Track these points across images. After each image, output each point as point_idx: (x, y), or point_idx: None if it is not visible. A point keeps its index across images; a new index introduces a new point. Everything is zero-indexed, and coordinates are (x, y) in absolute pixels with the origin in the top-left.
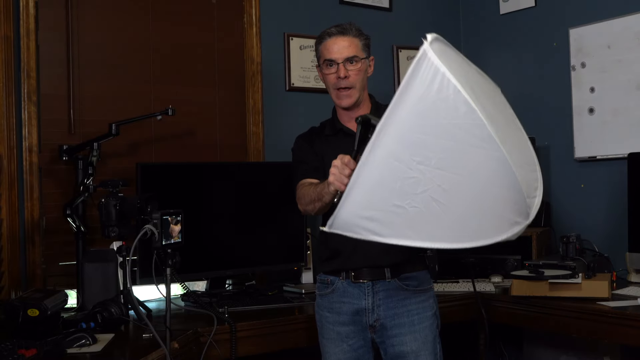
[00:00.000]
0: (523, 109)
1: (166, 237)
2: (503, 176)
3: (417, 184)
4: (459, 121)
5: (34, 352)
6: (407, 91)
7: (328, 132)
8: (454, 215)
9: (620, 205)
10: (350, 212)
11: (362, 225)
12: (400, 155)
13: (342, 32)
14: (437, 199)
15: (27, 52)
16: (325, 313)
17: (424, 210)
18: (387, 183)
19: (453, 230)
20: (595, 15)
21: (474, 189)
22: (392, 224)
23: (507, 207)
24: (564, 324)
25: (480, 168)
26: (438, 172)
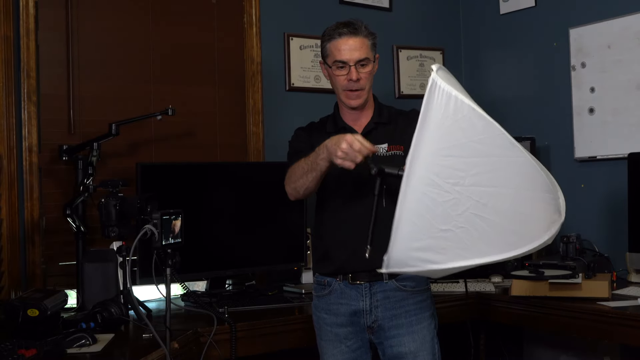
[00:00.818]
0: (523, 109)
1: (166, 236)
2: (532, 178)
3: (457, 204)
4: (480, 137)
5: (34, 352)
6: (426, 120)
7: (330, 129)
8: (499, 226)
9: (620, 205)
10: (402, 248)
11: (417, 257)
12: (435, 181)
13: (354, 33)
14: (480, 214)
15: (27, 52)
16: (322, 314)
17: (470, 228)
18: (430, 210)
19: (501, 240)
20: (595, 15)
21: (510, 197)
22: (444, 249)
23: (543, 207)
24: (564, 324)
25: (510, 176)
26: (474, 188)
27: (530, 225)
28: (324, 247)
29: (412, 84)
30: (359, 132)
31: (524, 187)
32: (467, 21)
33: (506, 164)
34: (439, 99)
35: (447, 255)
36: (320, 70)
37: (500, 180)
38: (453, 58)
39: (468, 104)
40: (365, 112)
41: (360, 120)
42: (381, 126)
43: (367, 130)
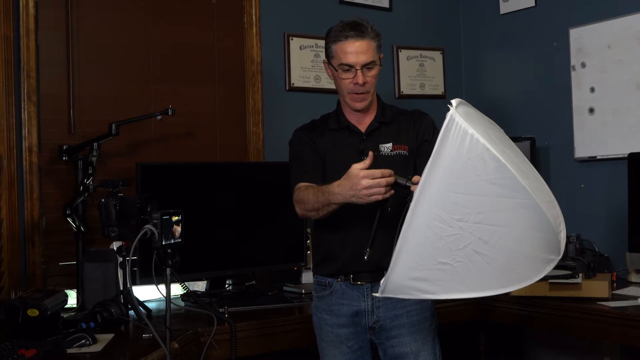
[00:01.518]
0: (523, 109)
1: (166, 236)
2: (536, 220)
3: (459, 240)
4: (491, 177)
5: (34, 352)
6: (440, 155)
7: (332, 126)
8: (497, 263)
9: (620, 205)
10: (400, 275)
11: (413, 286)
12: (441, 216)
13: (360, 35)
14: (480, 251)
15: (27, 52)
16: (323, 315)
17: (469, 264)
18: (431, 243)
19: (497, 277)
20: (595, 15)
21: (512, 237)
22: (441, 281)
23: (542, 248)
24: (564, 324)
25: (514, 216)
26: (477, 226)
27: (528, 264)
28: (326, 248)
29: (412, 84)
30: (362, 131)
31: (527, 228)
32: (467, 21)
33: (512, 205)
34: (454, 136)
35: (442, 287)
36: (320, 70)
37: (504, 220)
38: (453, 58)
39: (483, 143)
40: (369, 111)
41: (364, 119)
42: (385, 126)
43: (370, 129)
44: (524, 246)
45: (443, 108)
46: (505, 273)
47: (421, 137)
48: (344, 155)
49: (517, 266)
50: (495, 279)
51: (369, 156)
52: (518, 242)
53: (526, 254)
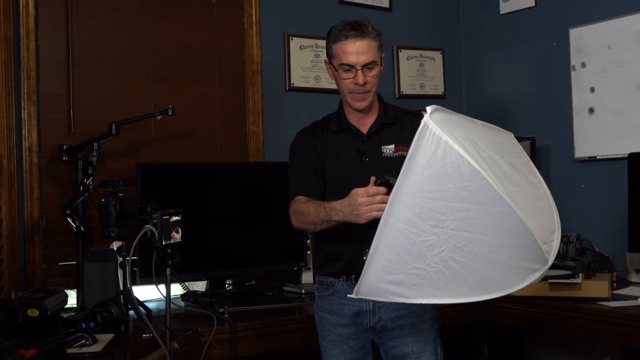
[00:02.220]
0: (523, 109)
1: (166, 236)
2: (514, 229)
3: (433, 245)
4: (466, 184)
5: (33, 352)
6: (414, 161)
7: (334, 128)
8: (473, 270)
9: (620, 205)
10: (375, 278)
11: (387, 289)
12: (415, 222)
13: (361, 35)
14: (455, 258)
15: (27, 52)
16: (325, 315)
17: (444, 269)
18: (405, 248)
19: (474, 284)
20: (595, 15)
21: (488, 244)
22: (415, 285)
23: (523, 257)
24: (564, 324)
25: (492, 224)
26: (452, 232)
27: (507, 273)
28: (328, 248)
29: (412, 84)
30: (364, 132)
31: (505, 236)
32: (467, 21)
33: (488, 212)
34: (428, 142)
35: (417, 292)
36: (320, 70)
37: (480, 228)
38: (453, 58)
39: (457, 150)
40: (371, 112)
41: (366, 120)
42: (387, 127)
43: (372, 130)
44: (501, 254)
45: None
46: (481, 280)
47: None
48: (345, 157)
49: (494, 274)
50: (471, 286)
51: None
52: (496, 249)
53: (504, 262)
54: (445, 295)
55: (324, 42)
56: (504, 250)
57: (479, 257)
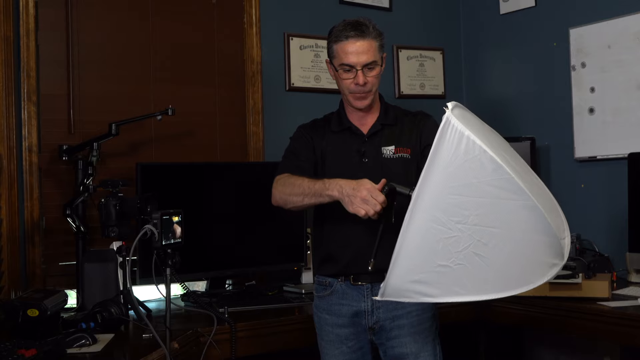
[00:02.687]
0: (523, 109)
1: (166, 236)
2: (536, 223)
3: (458, 242)
4: (489, 178)
5: (33, 352)
6: (436, 157)
7: (334, 127)
8: (497, 265)
9: (620, 205)
10: (400, 278)
11: (413, 289)
12: (439, 218)
13: (361, 35)
14: (479, 253)
15: (27, 52)
16: (324, 315)
17: (468, 266)
18: (430, 246)
19: (498, 280)
20: (595, 15)
21: (512, 239)
22: (440, 284)
23: (544, 251)
24: (564, 324)
25: (515, 219)
26: (476, 228)
27: (529, 268)
28: (327, 250)
29: (412, 84)
30: (364, 132)
31: (527, 231)
32: (467, 21)
33: (512, 207)
34: (451, 138)
35: (442, 290)
36: (320, 71)
37: (504, 222)
38: (453, 58)
39: (480, 145)
40: (371, 112)
41: (366, 120)
42: (387, 127)
43: (372, 131)
44: (525, 249)
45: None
46: (505, 276)
47: (424, 140)
48: (344, 157)
49: (518, 269)
50: (496, 282)
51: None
52: (518, 244)
53: (527, 257)
54: (470, 292)
55: (324, 42)
56: (526, 245)
57: (503, 252)
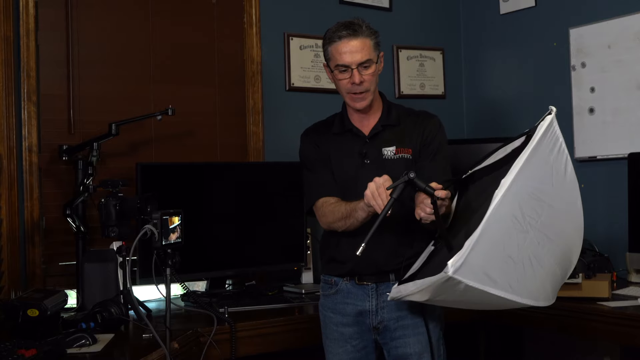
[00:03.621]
0: (523, 109)
1: (166, 236)
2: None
3: (524, 239)
4: (563, 189)
5: (33, 352)
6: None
7: (336, 130)
8: (538, 274)
9: (620, 205)
10: (479, 260)
11: (483, 273)
12: (519, 210)
13: (354, 34)
14: (534, 257)
15: (27, 52)
16: (329, 313)
17: (523, 267)
18: (506, 234)
19: (533, 288)
20: (595, 15)
21: (557, 254)
22: (502, 274)
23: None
24: (564, 324)
25: (565, 236)
26: (540, 231)
27: (548, 286)
28: (334, 252)
29: (412, 84)
30: (366, 134)
31: (570, 251)
32: (467, 21)
33: (567, 224)
34: (549, 139)
35: (501, 281)
36: (320, 70)
37: (557, 235)
38: (453, 58)
39: (567, 154)
40: (373, 112)
41: (368, 122)
42: (389, 128)
43: (374, 132)
44: (561, 266)
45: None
46: (537, 286)
47: (425, 140)
48: (347, 159)
49: (545, 284)
50: (536, 289)
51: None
52: (560, 259)
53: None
54: (516, 293)
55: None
56: (564, 263)
57: (548, 263)
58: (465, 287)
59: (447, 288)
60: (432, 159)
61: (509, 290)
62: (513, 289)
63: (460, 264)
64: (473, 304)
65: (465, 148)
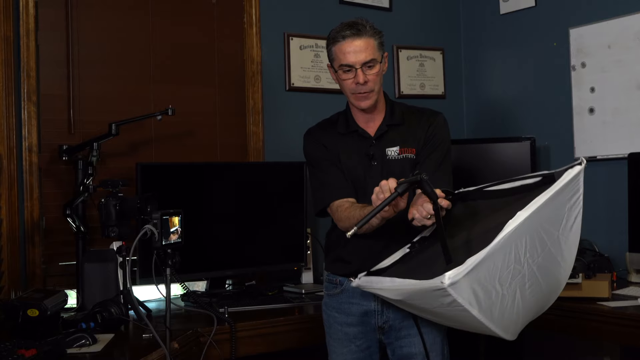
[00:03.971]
0: (523, 109)
1: (166, 236)
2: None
3: (517, 274)
4: (563, 237)
5: (33, 352)
6: (556, 198)
7: (341, 129)
8: (520, 311)
9: (620, 205)
10: (472, 282)
11: (468, 293)
12: (522, 246)
13: (358, 34)
14: (520, 294)
15: (27, 52)
16: (333, 313)
17: (507, 300)
18: (502, 265)
19: (511, 322)
20: (595, 15)
21: (541, 295)
22: (484, 302)
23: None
24: (564, 324)
25: (553, 280)
26: (533, 271)
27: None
28: (337, 253)
29: (412, 84)
30: (371, 135)
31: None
32: (467, 21)
33: (558, 272)
34: (571, 187)
35: (480, 309)
36: (320, 71)
37: (545, 278)
38: (453, 58)
39: (580, 208)
40: (377, 112)
41: (373, 122)
42: (393, 128)
43: (379, 133)
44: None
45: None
46: (516, 323)
47: (428, 137)
48: (354, 160)
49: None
50: (505, 324)
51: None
52: (540, 305)
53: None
54: (492, 321)
55: (324, 42)
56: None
57: (531, 303)
58: (452, 302)
59: (432, 297)
60: (435, 163)
61: (489, 317)
62: (493, 316)
63: (458, 280)
64: (440, 317)
65: (465, 148)
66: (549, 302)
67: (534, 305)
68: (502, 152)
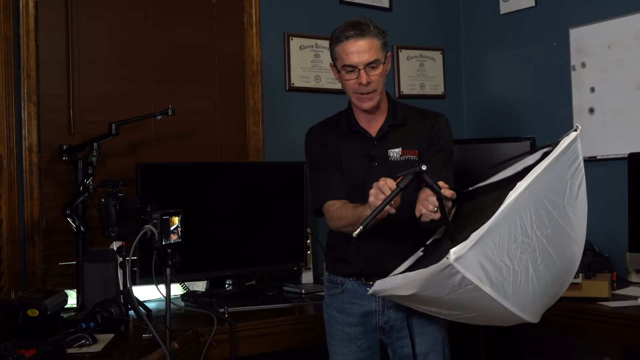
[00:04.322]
0: (523, 109)
1: (166, 236)
2: (573, 269)
3: (525, 248)
4: (570, 207)
5: (33, 352)
6: (553, 167)
7: (343, 130)
8: (537, 289)
9: (620, 205)
10: (477, 255)
11: (477, 271)
12: (527, 218)
13: (361, 34)
14: (531, 268)
15: (27, 52)
16: (334, 313)
17: (518, 275)
18: (510, 239)
19: (527, 300)
20: (595, 15)
21: (555, 270)
22: (495, 278)
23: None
24: (564, 324)
25: (566, 255)
26: (542, 244)
27: (543, 303)
28: (339, 253)
29: (412, 84)
30: (373, 135)
31: (568, 271)
32: (467, 21)
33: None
34: (569, 155)
35: (492, 285)
36: (320, 71)
37: (558, 251)
38: (453, 58)
39: (583, 174)
40: (379, 113)
41: (375, 122)
42: (395, 129)
43: (381, 134)
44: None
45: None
46: (528, 300)
47: (431, 139)
48: (356, 160)
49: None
50: (521, 301)
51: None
52: (553, 277)
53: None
54: (505, 297)
55: (324, 42)
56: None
57: (545, 277)
58: (462, 280)
59: (441, 279)
60: (438, 165)
61: (502, 295)
62: (507, 294)
63: (463, 254)
64: (457, 309)
65: (465, 148)
66: (566, 281)
67: (550, 284)
68: (502, 152)
